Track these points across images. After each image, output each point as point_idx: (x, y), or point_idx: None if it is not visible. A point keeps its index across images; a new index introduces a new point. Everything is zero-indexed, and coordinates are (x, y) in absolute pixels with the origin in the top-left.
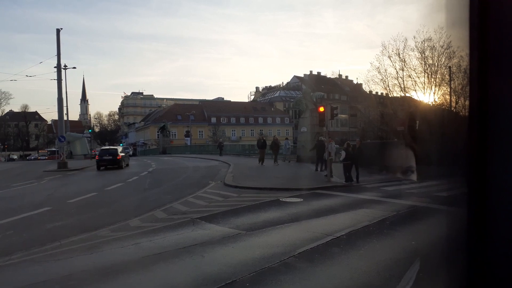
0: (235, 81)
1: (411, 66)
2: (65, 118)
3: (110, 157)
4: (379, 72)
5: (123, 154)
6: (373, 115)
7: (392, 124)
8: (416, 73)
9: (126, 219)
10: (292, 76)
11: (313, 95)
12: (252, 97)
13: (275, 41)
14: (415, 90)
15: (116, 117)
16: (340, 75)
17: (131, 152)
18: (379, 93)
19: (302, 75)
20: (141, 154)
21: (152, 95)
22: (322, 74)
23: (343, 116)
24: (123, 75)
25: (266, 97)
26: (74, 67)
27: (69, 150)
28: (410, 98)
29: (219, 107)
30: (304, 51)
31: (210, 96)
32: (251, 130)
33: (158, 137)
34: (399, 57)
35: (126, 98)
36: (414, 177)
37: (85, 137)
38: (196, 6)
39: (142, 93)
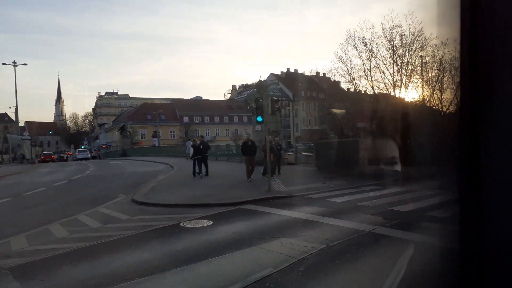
0: (219, 80)
1: (379, 56)
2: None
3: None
4: (343, 62)
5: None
6: (340, 113)
7: (358, 120)
8: (384, 64)
9: None
10: (269, 73)
11: (269, 88)
12: (229, 95)
13: (258, 39)
14: (384, 83)
15: (91, 118)
16: (317, 73)
17: (88, 156)
18: (358, 91)
19: (279, 73)
20: (105, 157)
21: (127, 94)
22: (299, 71)
23: (320, 114)
24: (104, 75)
25: (242, 95)
26: (25, 64)
27: (20, 153)
28: (387, 95)
29: (192, 106)
30: (287, 49)
31: (192, 95)
32: (226, 130)
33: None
34: (366, 47)
35: (100, 98)
36: (380, 180)
37: (26, 140)
38: (179, 5)
39: (116, 92)
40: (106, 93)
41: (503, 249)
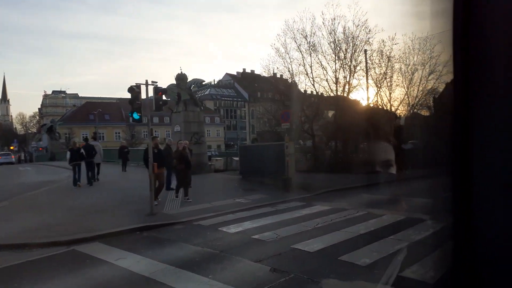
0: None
1: (321, 50)
2: None
3: None
4: (279, 55)
5: None
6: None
7: (283, 121)
8: (326, 60)
9: None
10: (224, 73)
11: (190, 81)
12: None
13: (218, 41)
14: (326, 80)
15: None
16: (274, 74)
17: (13, 160)
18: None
19: (235, 73)
20: (37, 160)
21: (77, 93)
22: (256, 72)
23: (277, 115)
24: (57, 75)
25: (196, 95)
26: None
27: None
28: (340, 97)
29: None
30: (247, 51)
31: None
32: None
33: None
34: (306, 40)
35: (46, 97)
36: (308, 193)
37: None
38: (137, 5)
39: (64, 91)
40: (53, 92)
41: (495, 249)
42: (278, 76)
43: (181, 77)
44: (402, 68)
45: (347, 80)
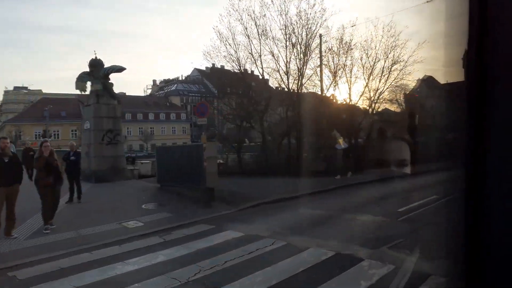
0: (153, 76)
1: (272, 36)
2: None
3: None
4: (221, 41)
5: None
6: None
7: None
8: (277, 47)
9: None
10: (193, 69)
11: (107, 68)
12: (149, 91)
13: (197, 36)
14: (278, 70)
15: None
16: (245, 69)
17: None
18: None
19: (204, 68)
20: None
21: (41, 90)
22: (226, 68)
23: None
24: (28, 70)
25: (163, 91)
26: None
27: None
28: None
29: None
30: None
31: (119, 91)
32: (139, 129)
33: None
34: (255, 23)
35: (6, 93)
36: (232, 208)
37: None
38: None
39: (26, 87)
40: (15, 88)
41: (506, 248)
42: (227, 68)
43: (94, 64)
44: (363, 58)
45: (301, 70)
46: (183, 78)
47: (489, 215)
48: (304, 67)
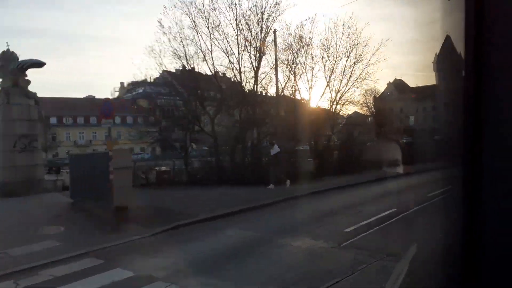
0: (127, 79)
1: (222, 31)
2: None
3: None
4: (164, 33)
5: None
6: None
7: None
8: (229, 43)
9: None
10: (162, 71)
11: (21, 62)
12: (116, 93)
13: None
14: (232, 68)
15: None
16: (217, 72)
17: None
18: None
19: (174, 71)
20: None
21: None
22: (196, 70)
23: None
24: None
25: (130, 93)
26: None
27: None
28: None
29: (62, 104)
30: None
31: (87, 94)
32: (105, 133)
33: None
34: (204, 16)
35: None
36: (149, 230)
37: None
38: (84, 1)
39: None
40: None
41: (504, 246)
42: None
43: (5, 57)
44: (324, 56)
45: (255, 68)
46: (151, 80)
47: (484, 215)
48: (259, 65)
